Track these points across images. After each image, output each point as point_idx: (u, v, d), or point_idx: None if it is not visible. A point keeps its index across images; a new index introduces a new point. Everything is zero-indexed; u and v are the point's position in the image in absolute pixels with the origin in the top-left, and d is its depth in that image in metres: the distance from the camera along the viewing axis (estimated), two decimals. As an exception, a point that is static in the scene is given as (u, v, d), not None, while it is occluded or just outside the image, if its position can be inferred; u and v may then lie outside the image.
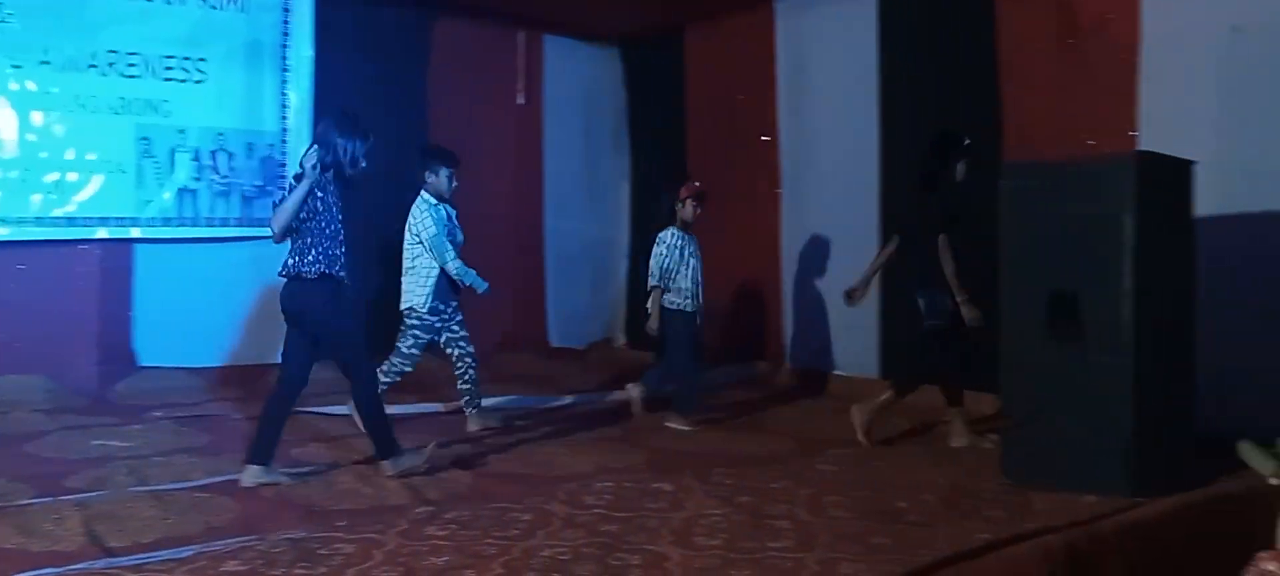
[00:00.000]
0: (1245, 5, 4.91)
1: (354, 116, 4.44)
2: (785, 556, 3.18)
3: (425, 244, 5.35)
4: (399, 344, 5.42)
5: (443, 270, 5.36)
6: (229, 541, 3.28)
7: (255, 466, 4.12)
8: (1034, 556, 3.32)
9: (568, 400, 6.54)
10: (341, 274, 4.27)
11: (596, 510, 3.70)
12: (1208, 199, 4.43)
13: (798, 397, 6.75)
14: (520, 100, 8.62)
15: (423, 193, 5.50)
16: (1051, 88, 5.69)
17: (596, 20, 8.57)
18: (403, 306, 5.42)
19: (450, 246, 5.43)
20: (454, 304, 5.51)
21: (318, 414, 5.64)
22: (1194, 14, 5.09)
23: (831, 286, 6.96)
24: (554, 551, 3.19)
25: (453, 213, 5.62)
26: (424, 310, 5.34)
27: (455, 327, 5.48)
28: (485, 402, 5.59)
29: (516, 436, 5.29)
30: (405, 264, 5.45)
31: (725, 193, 8.03)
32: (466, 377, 5.44)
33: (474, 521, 3.51)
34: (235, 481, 4.15)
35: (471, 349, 5.48)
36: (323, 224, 4.21)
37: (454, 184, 5.58)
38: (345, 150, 4.31)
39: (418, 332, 5.40)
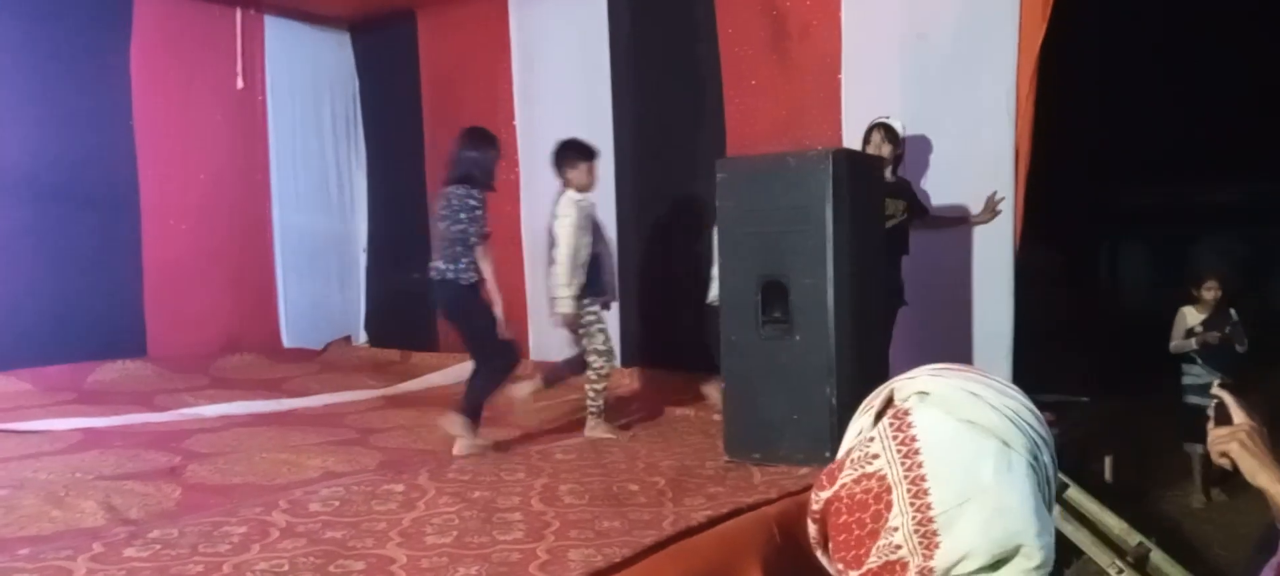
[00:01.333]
0: (929, 14, 5.46)
1: (482, 132, 4.94)
2: (515, 548, 3.19)
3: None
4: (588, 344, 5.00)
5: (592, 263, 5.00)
6: (-128, 587, 2.85)
7: (456, 417, 4.61)
8: (750, 528, 3.54)
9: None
10: (476, 280, 4.66)
11: (321, 517, 3.54)
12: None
13: (543, 389, 6.78)
14: (239, 85, 8.06)
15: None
16: (767, 88, 6.07)
17: (321, 2, 8.17)
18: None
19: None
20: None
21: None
22: (886, 22, 5.60)
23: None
24: (270, 563, 3.02)
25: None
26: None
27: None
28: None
29: (237, 445, 4.96)
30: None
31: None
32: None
33: (180, 539, 3.25)
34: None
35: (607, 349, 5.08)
36: (469, 234, 4.60)
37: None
38: (477, 164, 4.73)
39: (596, 327, 5.05)
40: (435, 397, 6.56)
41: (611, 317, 6.85)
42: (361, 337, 8.90)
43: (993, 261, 5.27)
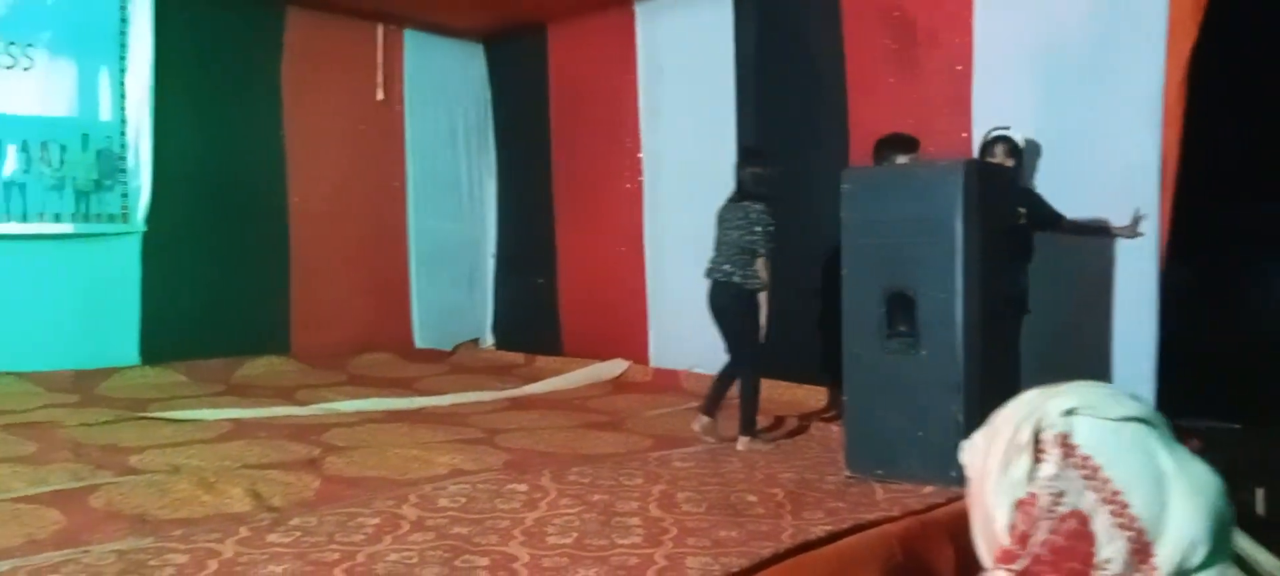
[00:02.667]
0: (1066, 20, 5.26)
1: (760, 149, 5.33)
2: (633, 552, 3.23)
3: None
4: None
5: None
6: (50, 554, 3.11)
7: (744, 437, 4.93)
8: (872, 545, 3.47)
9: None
10: (752, 284, 4.97)
11: (448, 512, 3.67)
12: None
13: (659, 395, 6.85)
14: (380, 96, 8.43)
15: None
16: (895, 95, 5.96)
17: (458, 16, 8.47)
18: None
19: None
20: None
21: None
22: (1020, 28, 5.42)
23: (690, 284, 7.09)
24: (400, 555, 3.15)
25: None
26: None
27: None
28: None
29: (371, 440, 5.18)
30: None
31: (590, 191, 8.11)
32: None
33: (318, 527, 3.43)
34: (62, 491, 3.93)
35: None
36: (758, 245, 4.93)
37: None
38: (764, 180, 5.02)
39: None
40: (557, 400, 6.70)
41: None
42: (488, 340, 9.16)
43: (1136, 276, 5.02)
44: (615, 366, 7.69)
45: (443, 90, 8.87)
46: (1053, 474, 1.01)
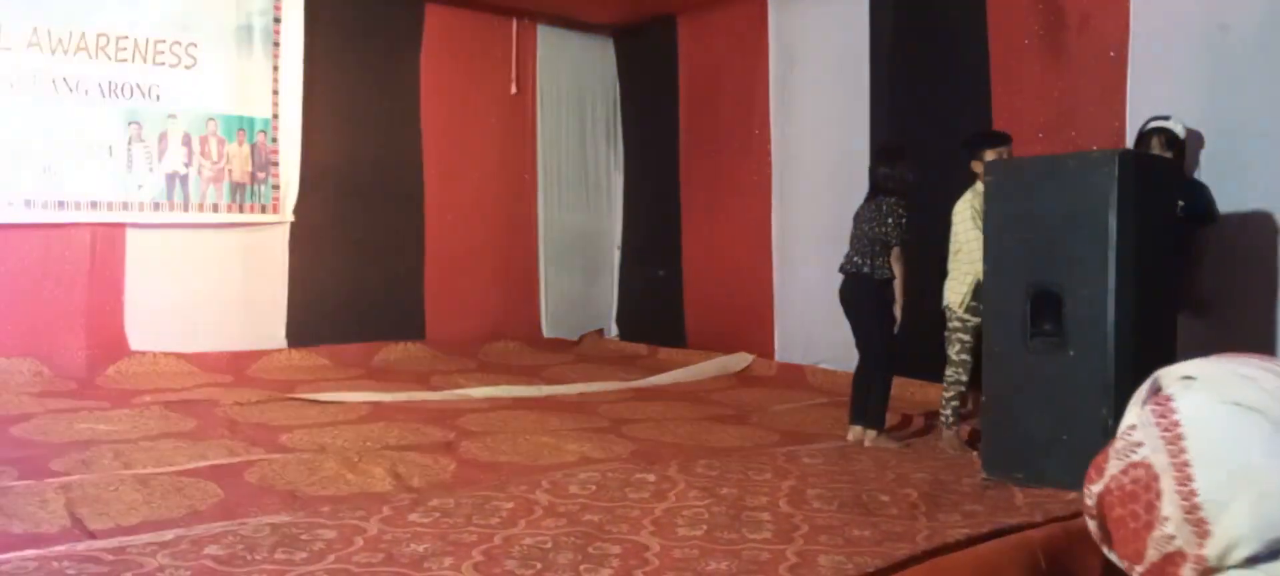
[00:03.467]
0: (1233, 2, 4.92)
1: (892, 147, 5.26)
2: (764, 547, 3.20)
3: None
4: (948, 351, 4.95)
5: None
6: (211, 526, 3.30)
7: (872, 431, 4.91)
8: (1012, 551, 3.34)
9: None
10: (883, 276, 4.94)
11: (579, 499, 3.72)
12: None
13: (784, 390, 6.78)
14: (513, 90, 8.62)
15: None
16: (1040, 84, 5.71)
17: (589, 8, 8.57)
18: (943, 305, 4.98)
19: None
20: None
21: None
22: (1181, 11, 5.10)
23: (819, 278, 6.98)
24: (535, 539, 3.21)
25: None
26: (959, 309, 4.84)
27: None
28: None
29: (502, 426, 5.30)
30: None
31: (717, 184, 8.08)
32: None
33: (456, 509, 3.53)
34: (220, 465, 4.18)
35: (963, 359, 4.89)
36: (890, 238, 4.88)
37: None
38: (892, 177, 4.96)
39: (957, 335, 4.88)
40: (682, 392, 6.71)
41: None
42: (613, 331, 9.25)
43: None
44: (740, 360, 7.65)
45: (573, 83, 9.00)
46: (1138, 422, 1.05)
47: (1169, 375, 1.06)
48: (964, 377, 4.90)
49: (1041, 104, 5.69)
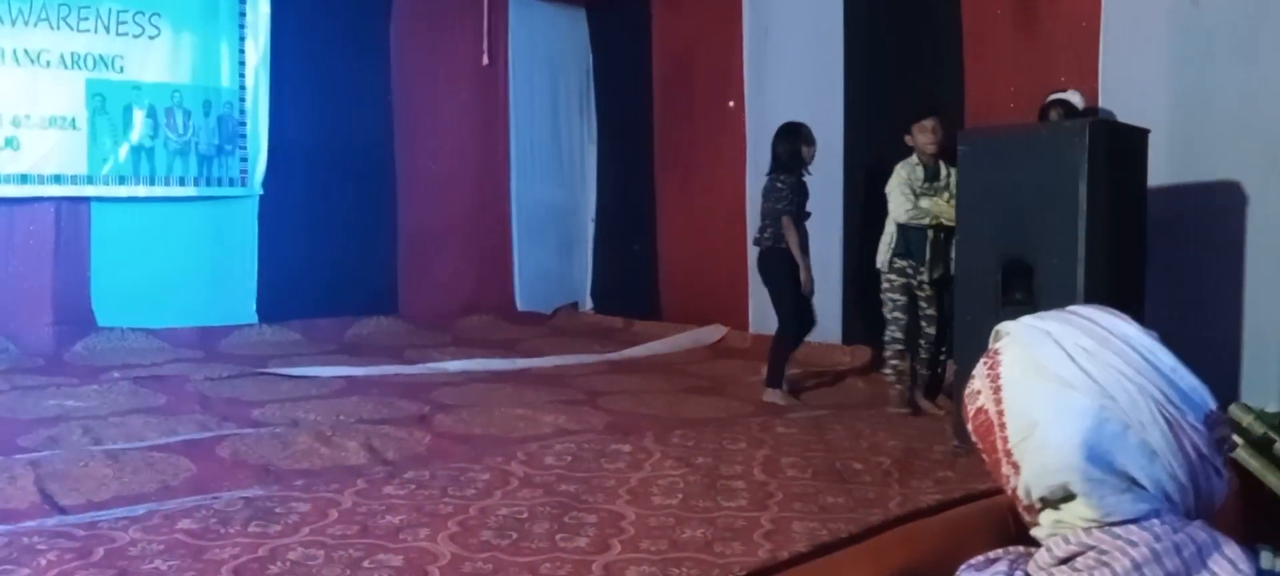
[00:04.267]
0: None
1: (785, 127, 5.52)
2: (739, 515, 3.22)
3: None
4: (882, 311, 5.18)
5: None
6: (183, 500, 3.27)
7: (769, 388, 5.37)
8: (983, 515, 3.38)
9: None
10: (782, 246, 5.33)
11: (555, 470, 3.72)
12: (1162, 169, 4.51)
13: (758, 362, 6.78)
14: (485, 61, 8.53)
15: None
16: (1013, 54, 5.74)
17: (562, -20, 8.50)
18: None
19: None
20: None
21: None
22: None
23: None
24: (511, 510, 3.21)
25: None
26: (884, 268, 5.11)
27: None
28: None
29: (477, 399, 5.29)
30: None
31: (691, 157, 8.07)
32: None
33: (431, 481, 3.52)
34: (192, 440, 4.14)
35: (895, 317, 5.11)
36: (778, 210, 5.32)
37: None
38: (777, 153, 5.45)
39: (887, 294, 5.12)
40: (656, 364, 6.72)
41: (835, 298, 6.78)
42: (588, 304, 9.24)
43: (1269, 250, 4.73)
44: (714, 332, 7.67)
45: (546, 56, 8.93)
46: (976, 372, 1.15)
47: (1000, 329, 1.18)
48: (897, 335, 5.10)
49: (1014, 74, 5.72)
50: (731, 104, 7.63)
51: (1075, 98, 4.96)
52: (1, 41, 6.27)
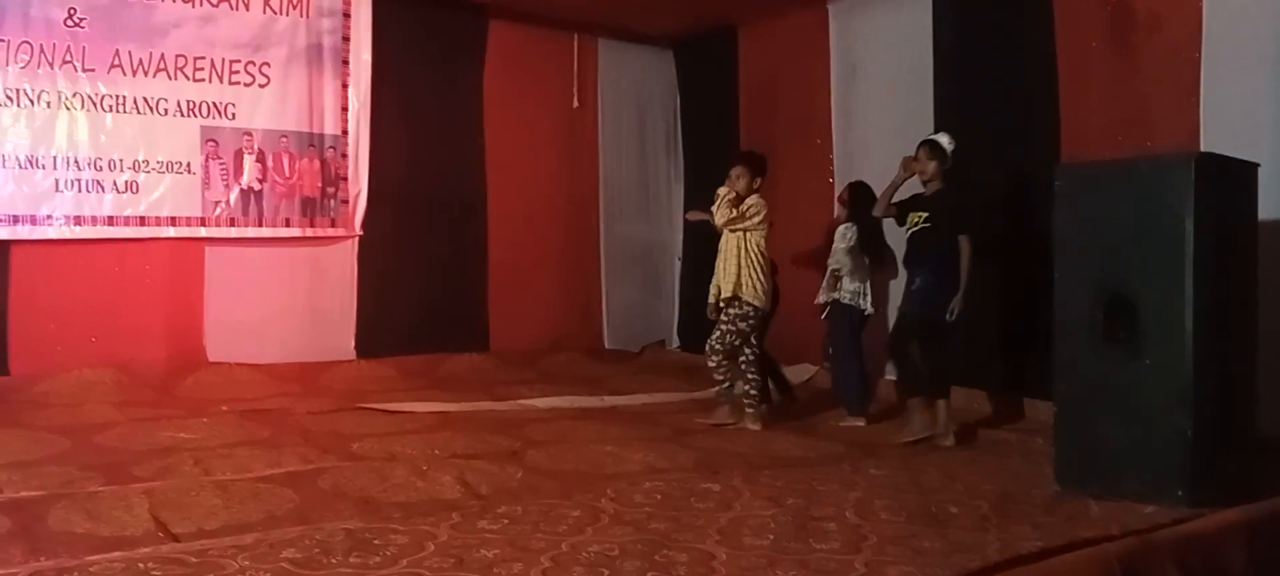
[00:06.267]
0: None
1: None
2: (832, 558, 3.18)
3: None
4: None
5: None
6: (288, 530, 3.38)
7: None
8: (1088, 565, 3.27)
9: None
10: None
11: (645, 508, 3.74)
12: (1272, 202, 4.33)
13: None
14: (575, 103, 8.71)
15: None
16: (1110, 87, 5.60)
17: (650, 21, 8.62)
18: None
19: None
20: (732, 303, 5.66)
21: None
22: (1255, 10, 4.96)
23: (885, 287, 6.92)
24: (602, 547, 3.23)
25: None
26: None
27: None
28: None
29: (566, 435, 5.35)
30: None
31: (777, 193, 8.04)
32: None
33: (524, 516, 3.57)
34: (295, 472, 4.28)
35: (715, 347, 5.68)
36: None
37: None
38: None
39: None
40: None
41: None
42: (675, 342, 9.25)
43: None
44: (802, 372, 7.60)
45: (633, 95, 9.07)
46: None
47: None
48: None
49: (1112, 107, 5.58)
50: (818, 142, 7.59)
51: (943, 138, 5.32)
52: (124, 90, 6.66)
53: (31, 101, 6.40)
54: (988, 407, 6.11)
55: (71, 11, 6.48)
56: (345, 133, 7.54)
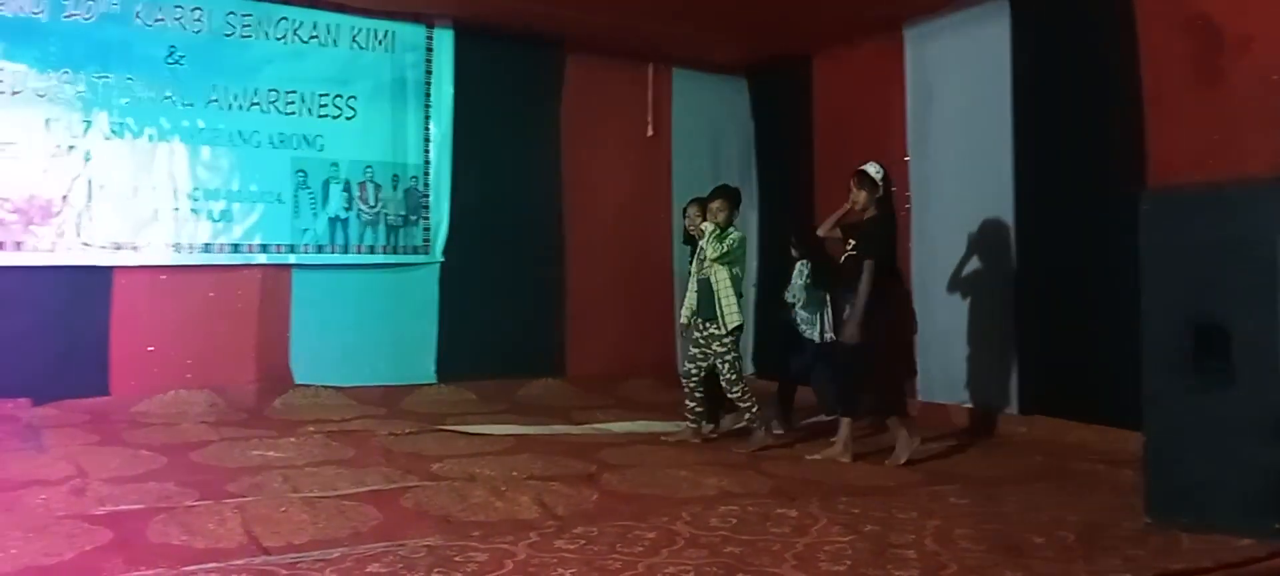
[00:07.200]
0: None
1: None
2: (910, 585, 3.15)
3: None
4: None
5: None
6: (372, 546, 3.49)
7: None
8: (1178, 598, 3.19)
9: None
10: None
11: (720, 532, 3.75)
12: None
13: (926, 429, 6.58)
14: (650, 132, 8.81)
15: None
16: (1197, 110, 5.45)
17: (724, 52, 8.69)
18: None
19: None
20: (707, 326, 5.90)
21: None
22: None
23: (960, 316, 6.82)
24: (677, 568, 3.26)
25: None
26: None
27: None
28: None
29: (641, 459, 5.39)
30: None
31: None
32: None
33: (600, 537, 3.62)
34: (378, 491, 4.41)
35: (690, 372, 5.98)
36: None
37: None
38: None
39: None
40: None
41: (1008, 364, 6.52)
42: (749, 369, 9.22)
43: None
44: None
45: (708, 124, 9.13)
46: None
47: None
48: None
49: (1199, 130, 5.43)
50: (906, 159, 7.52)
51: (871, 167, 5.51)
52: (221, 123, 6.98)
53: (135, 135, 6.75)
54: (1074, 437, 5.95)
55: (172, 49, 6.83)
56: (427, 162, 7.76)
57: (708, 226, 5.85)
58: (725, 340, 5.78)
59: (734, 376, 5.79)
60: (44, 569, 3.19)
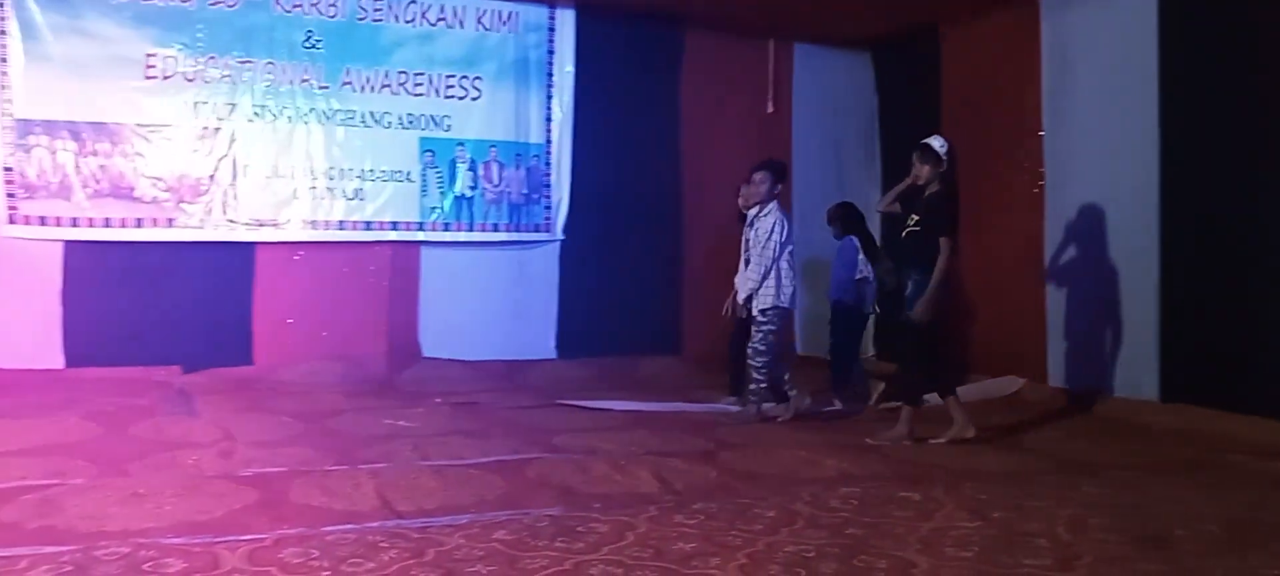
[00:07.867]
0: None
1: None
2: (1043, 574, 3.04)
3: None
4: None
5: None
6: (497, 513, 3.59)
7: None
8: (1337, 600, 2.98)
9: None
10: None
11: (841, 513, 3.70)
12: None
13: (1061, 417, 6.35)
14: (769, 109, 8.70)
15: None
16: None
17: (847, 26, 8.50)
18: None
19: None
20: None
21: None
22: None
23: (1101, 298, 6.53)
24: (798, 548, 3.23)
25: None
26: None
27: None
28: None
29: (758, 438, 5.36)
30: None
31: (982, 197, 7.73)
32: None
33: (719, 514, 3.62)
34: (503, 460, 4.53)
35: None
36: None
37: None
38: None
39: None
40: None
41: (1150, 350, 6.20)
42: (870, 350, 9.03)
43: None
44: (1009, 384, 7.25)
45: (830, 100, 8.97)
46: None
47: None
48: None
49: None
50: (1041, 133, 7.22)
51: (935, 141, 5.44)
52: (354, 105, 7.25)
53: (274, 116, 7.08)
54: (1219, 427, 5.62)
55: (309, 34, 7.12)
56: (549, 142, 7.88)
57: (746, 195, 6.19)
58: (761, 317, 5.91)
59: (762, 348, 5.87)
60: (196, 524, 3.40)
